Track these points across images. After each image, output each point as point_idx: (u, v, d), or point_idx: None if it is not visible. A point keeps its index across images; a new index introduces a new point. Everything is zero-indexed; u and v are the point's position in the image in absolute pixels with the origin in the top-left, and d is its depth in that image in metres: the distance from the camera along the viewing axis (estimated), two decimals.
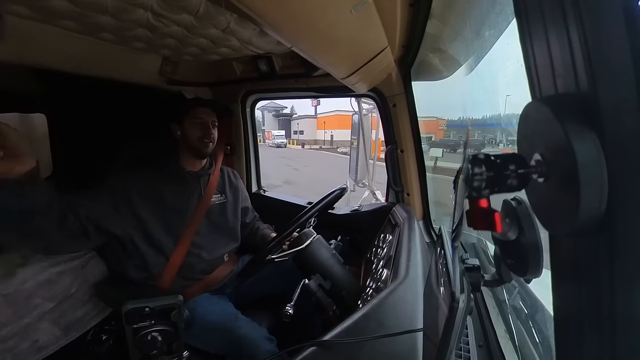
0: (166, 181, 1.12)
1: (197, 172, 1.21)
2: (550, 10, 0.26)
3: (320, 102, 21.16)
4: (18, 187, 0.74)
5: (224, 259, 1.23)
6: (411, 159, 1.37)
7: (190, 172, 1.19)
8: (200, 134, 1.15)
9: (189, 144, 1.16)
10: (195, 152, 1.18)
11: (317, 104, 25.42)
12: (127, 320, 0.51)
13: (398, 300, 0.72)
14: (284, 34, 0.63)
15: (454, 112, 2.16)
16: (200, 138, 1.15)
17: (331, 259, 1.08)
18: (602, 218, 0.23)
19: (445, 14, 1.00)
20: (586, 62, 0.23)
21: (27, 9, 0.84)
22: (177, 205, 1.11)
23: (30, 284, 1.25)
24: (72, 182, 1.65)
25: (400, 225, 1.15)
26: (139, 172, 1.10)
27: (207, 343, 1.00)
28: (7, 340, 1.18)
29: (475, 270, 0.47)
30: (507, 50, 0.85)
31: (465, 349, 0.63)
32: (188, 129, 1.15)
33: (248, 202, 1.44)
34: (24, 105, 1.87)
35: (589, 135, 0.23)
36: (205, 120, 1.17)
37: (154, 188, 1.08)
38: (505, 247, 0.38)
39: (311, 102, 25.70)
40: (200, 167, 1.23)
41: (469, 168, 0.27)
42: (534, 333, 0.70)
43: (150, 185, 1.07)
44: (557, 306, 0.29)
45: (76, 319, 1.40)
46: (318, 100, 13.08)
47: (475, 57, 1.16)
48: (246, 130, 1.79)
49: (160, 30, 1.01)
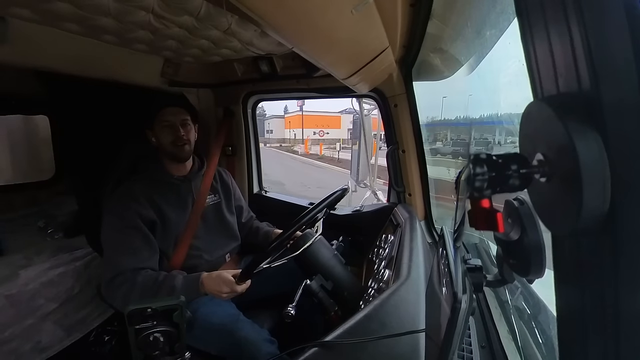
0: (158, 190, 1.09)
1: (186, 176, 1.17)
2: (552, 9, 0.26)
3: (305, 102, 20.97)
4: None
5: (226, 260, 1.23)
6: (412, 159, 1.37)
7: (179, 177, 1.15)
8: (171, 138, 1.08)
9: (164, 150, 1.10)
10: (173, 157, 1.12)
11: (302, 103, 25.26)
12: (129, 321, 0.51)
13: (400, 300, 0.72)
14: (285, 34, 0.63)
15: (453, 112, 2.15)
16: (173, 142, 1.08)
17: (333, 260, 1.08)
18: (605, 218, 0.23)
19: (446, 14, 1.00)
20: (588, 61, 0.23)
21: (30, 12, 0.84)
22: (172, 213, 1.09)
23: (34, 285, 1.25)
24: (74, 182, 1.66)
25: (402, 226, 1.15)
26: (134, 188, 1.06)
27: (208, 344, 1.00)
28: (10, 341, 1.18)
29: (478, 271, 0.47)
30: (509, 50, 0.84)
31: (468, 349, 0.63)
32: (159, 134, 1.09)
33: (242, 202, 1.41)
34: (27, 107, 1.89)
35: (592, 134, 0.23)
36: (173, 121, 1.09)
37: (149, 201, 1.05)
38: (507, 248, 0.38)
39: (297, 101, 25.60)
40: (187, 170, 1.18)
41: (470, 168, 0.27)
42: (536, 333, 0.69)
43: (145, 199, 1.05)
44: (560, 306, 0.29)
45: (79, 319, 1.40)
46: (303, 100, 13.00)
47: (476, 57, 1.15)
48: (247, 131, 1.79)
49: (162, 32, 1.01)
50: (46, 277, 1.30)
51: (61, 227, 1.62)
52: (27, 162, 2.08)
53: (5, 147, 2.00)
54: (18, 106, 1.83)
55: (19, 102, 1.79)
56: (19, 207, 1.90)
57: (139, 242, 1.00)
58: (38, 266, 1.31)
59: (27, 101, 1.80)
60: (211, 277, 0.95)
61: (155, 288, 0.94)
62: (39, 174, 2.04)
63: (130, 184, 1.08)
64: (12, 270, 1.26)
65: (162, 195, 1.09)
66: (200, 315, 1.02)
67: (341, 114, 29.74)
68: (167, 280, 0.96)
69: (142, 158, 1.16)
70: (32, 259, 1.35)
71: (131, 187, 1.06)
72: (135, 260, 0.97)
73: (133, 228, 1.00)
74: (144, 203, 1.04)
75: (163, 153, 1.13)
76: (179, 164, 1.15)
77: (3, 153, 2.00)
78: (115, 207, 1.02)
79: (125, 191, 1.05)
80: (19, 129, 2.03)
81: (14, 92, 1.69)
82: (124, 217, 1.00)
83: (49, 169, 2.04)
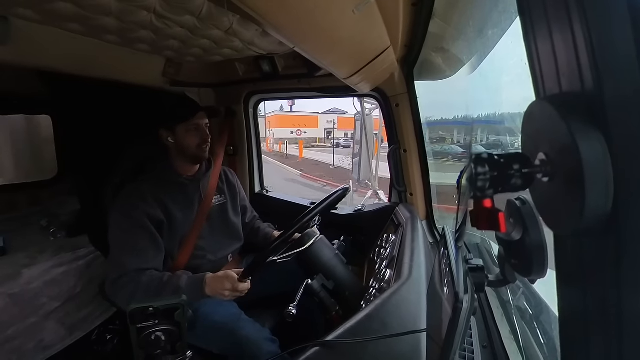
0: (166, 191, 1.09)
1: (194, 176, 1.17)
2: (554, 8, 0.25)
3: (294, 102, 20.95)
4: None
5: (228, 260, 1.24)
6: (414, 158, 1.36)
7: (188, 177, 1.16)
8: (199, 141, 1.10)
9: (186, 151, 1.11)
10: (193, 159, 1.14)
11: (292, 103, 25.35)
12: (131, 320, 0.51)
13: (401, 300, 0.72)
14: (286, 34, 0.63)
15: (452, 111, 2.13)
16: (199, 145, 1.10)
17: (334, 259, 1.08)
18: (608, 217, 0.23)
19: (447, 13, 0.99)
20: (591, 60, 0.23)
21: (32, 12, 0.85)
22: (179, 213, 1.10)
23: (36, 284, 1.26)
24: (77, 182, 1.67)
25: (403, 226, 1.15)
26: (142, 188, 1.06)
27: (210, 343, 1.01)
28: (13, 339, 1.19)
29: (479, 271, 0.47)
30: (511, 49, 0.84)
31: (469, 349, 0.63)
32: (184, 136, 1.09)
33: (246, 202, 1.42)
34: (30, 107, 1.90)
35: (594, 134, 0.22)
36: (201, 125, 1.11)
37: (157, 200, 1.06)
38: (509, 247, 0.38)
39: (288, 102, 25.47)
40: (196, 171, 1.19)
41: (472, 168, 0.26)
42: (538, 334, 0.69)
43: (153, 199, 1.05)
44: (562, 307, 0.29)
45: (81, 318, 1.41)
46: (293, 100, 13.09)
47: (478, 56, 1.15)
48: (249, 131, 1.79)
49: (164, 32, 1.01)
50: (49, 276, 1.30)
51: (64, 227, 1.63)
52: (30, 161, 2.09)
53: (8, 146, 2.02)
54: (20, 106, 1.84)
55: (21, 102, 1.80)
56: (22, 206, 1.91)
57: (146, 242, 1.00)
58: (41, 265, 1.32)
59: (29, 101, 1.81)
60: (215, 277, 0.96)
61: (160, 288, 0.94)
62: (42, 173, 2.05)
63: (138, 184, 1.08)
64: (15, 269, 1.27)
65: (169, 195, 1.09)
66: (202, 315, 1.02)
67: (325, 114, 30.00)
68: (172, 281, 0.96)
69: (149, 159, 1.17)
70: (35, 258, 1.36)
71: (139, 187, 1.07)
72: (140, 260, 0.98)
73: (140, 228, 1.00)
74: (152, 203, 1.04)
75: (181, 154, 1.12)
76: (193, 165, 1.17)
77: (6, 153, 2.01)
78: (123, 207, 1.03)
79: (133, 191, 1.05)
80: (21, 129, 2.04)
81: (16, 92, 1.70)
82: (131, 217, 1.00)
83: (52, 168, 2.05)
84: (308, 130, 28.29)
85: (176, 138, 1.10)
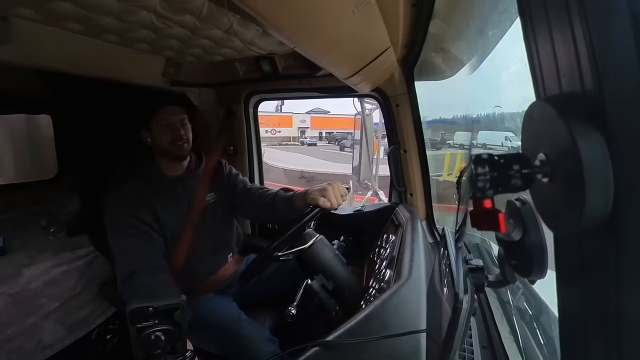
0: (152, 192, 1.07)
1: (181, 175, 1.15)
2: (554, 8, 0.25)
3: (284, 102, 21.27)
4: None
5: (227, 259, 1.23)
6: (414, 159, 1.36)
7: (173, 177, 1.13)
8: (170, 138, 1.06)
9: (160, 148, 1.08)
10: (170, 157, 1.11)
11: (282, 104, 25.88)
12: (130, 319, 0.51)
13: (401, 301, 0.72)
14: (287, 34, 0.63)
15: None
16: (171, 142, 1.07)
17: (334, 260, 1.08)
18: (608, 218, 0.23)
19: (448, 14, 0.99)
20: (591, 61, 0.23)
21: (32, 12, 0.85)
22: (166, 214, 1.08)
23: (36, 283, 1.26)
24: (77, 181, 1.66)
25: (403, 226, 1.15)
26: (129, 190, 1.05)
27: (210, 343, 1.01)
28: (13, 339, 1.19)
29: (479, 271, 0.47)
30: (511, 50, 0.84)
31: (469, 350, 0.63)
32: (157, 133, 1.07)
33: (246, 182, 1.31)
34: (30, 107, 1.90)
35: (594, 134, 0.22)
36: (172, 121, 1.07)
37: (144, 203, 1.04)
38: (509, 248, 0.38)
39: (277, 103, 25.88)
40: (183, 169, 1.16)
41: (472, 168, 0.26)
42: (538, 334, 0.69)
43: (140, 201, 1.04)
44: (562, 307, 0.29)
45: (81, 318, 1.41)
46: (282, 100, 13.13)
47: (478, 57, 1.15)
48: (249, 130, 1.79)
49: (164, 32, 1.01)
50: (49, 276, 1.30)
51: (64, 226, 1.63)
52: (30, 161, 2.09)
53: (8, 146, 2.01)
54: (21, 105, 1.84)
55: (21, 101, 1.80)
56: (22, 206, 1.91)
57: (142, 242, 1.01)
58: (41, 265, 1.31)
59: (29, 100, 1.81)
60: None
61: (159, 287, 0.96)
62: (42, 173, 2.04)
63: (126, 186, 1.07)
64: (15, 268, 1.26)
65: (156, 197, 1.07)
66: (202, 315, 1.02)
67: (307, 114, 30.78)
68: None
69: (138, 159, 1.16)
70: (35, 257, 1.36)
71: (126, 189, 1.06)
72: (143, 259, 0.98)
73: (135, 229, 1.01)
74: (139, 205, 1.03)
75: (159, 153, 1.11)
76: (175, 163, 1.14)
77: (6, 152, 2.01)
78: (112, 210, 1.04)
79: (120, 195, 1.05)
80: (21, 128, 2.04)
81: (16, 91, 1.70)
82: (122, 220, 1.01)
83: (52, 168, 2.05)
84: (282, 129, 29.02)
85: (152, 136, 1.09)
